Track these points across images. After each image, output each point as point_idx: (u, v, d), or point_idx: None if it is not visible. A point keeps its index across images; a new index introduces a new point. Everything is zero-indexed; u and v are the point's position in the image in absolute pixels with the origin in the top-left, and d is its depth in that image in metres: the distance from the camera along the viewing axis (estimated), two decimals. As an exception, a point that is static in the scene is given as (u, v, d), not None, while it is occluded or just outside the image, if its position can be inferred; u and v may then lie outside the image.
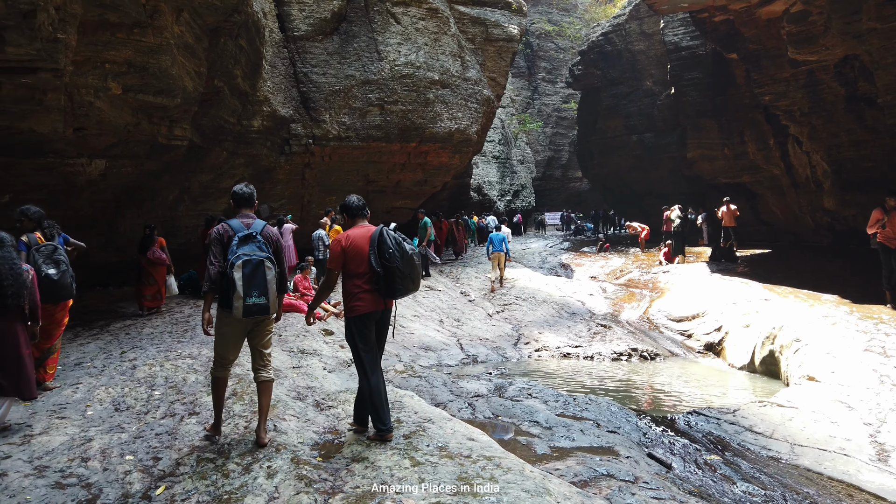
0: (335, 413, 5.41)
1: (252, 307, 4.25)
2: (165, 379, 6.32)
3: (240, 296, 4.19)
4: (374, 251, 4.50)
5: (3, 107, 7.80)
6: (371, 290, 4.53)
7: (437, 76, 17.84)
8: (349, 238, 4.63)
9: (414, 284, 4.63)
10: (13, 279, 4.79)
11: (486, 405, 6.76)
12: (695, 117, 24.38)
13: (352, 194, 5.07)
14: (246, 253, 4.29)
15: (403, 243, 4.56)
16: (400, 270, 4.44)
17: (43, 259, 5.81)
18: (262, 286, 4.27)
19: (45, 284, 5.65)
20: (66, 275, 5.94)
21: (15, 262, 4.88)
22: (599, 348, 11.15)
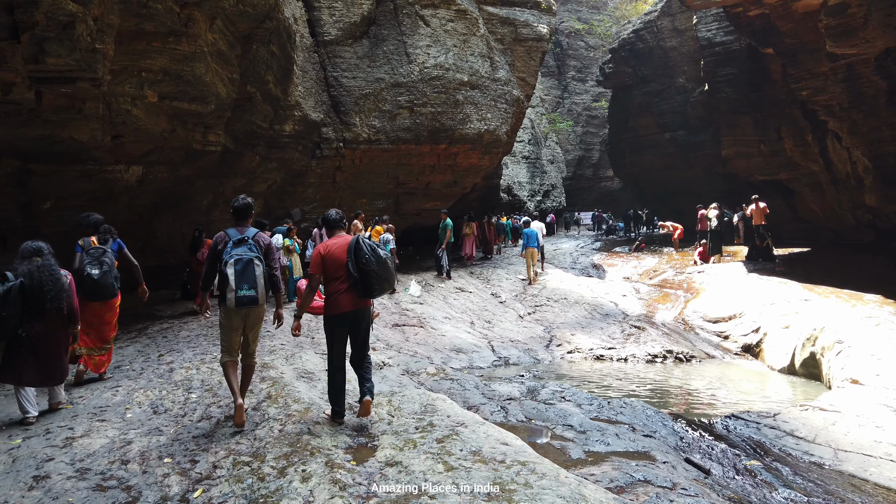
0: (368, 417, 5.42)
1: (243, 298, 4.93)
2: (201, 382, 6.41)
3: (232, 288, 4.89)
4: (351, 258, 5.08)
5: (45, 116, 8.02)
6: (349, 291, 5.10)
7: (466, 77, 17.81)
8: (327, 247, 5.23)
9: (388, 284, 5.27)
10: (52, 283, 5.22)
11: (519, 408, 6.71)
12: (729, 114, 23.90)
13: (331, 209, 5.63)
14: (238, 253, 4.99)
15: (377, 250, 5.19)
16: (375, 273, 5.04)
17: (90, 260, 6.37)
18: (252, 280, 4.97)
19: (87, 283, 6.21)
20: (107, 275, 6.38)
21: (54, 268, 5.32)
22: (633, 350, 10.99)
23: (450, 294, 15.08)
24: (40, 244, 5.45)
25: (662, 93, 28.19)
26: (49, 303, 5.19)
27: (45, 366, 5.30)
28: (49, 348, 5.32)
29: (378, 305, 13.03)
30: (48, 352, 5.31)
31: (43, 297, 5.15)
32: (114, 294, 6.54)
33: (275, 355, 7.72)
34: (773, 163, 22.95)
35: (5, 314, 4.95)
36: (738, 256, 19.10)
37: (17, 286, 5.04)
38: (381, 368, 8.08)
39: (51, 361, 5.34)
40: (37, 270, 5.21)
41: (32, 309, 5.16)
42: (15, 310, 5.01)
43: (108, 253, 6.57)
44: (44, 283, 5.17)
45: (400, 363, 8.84)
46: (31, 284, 5.14)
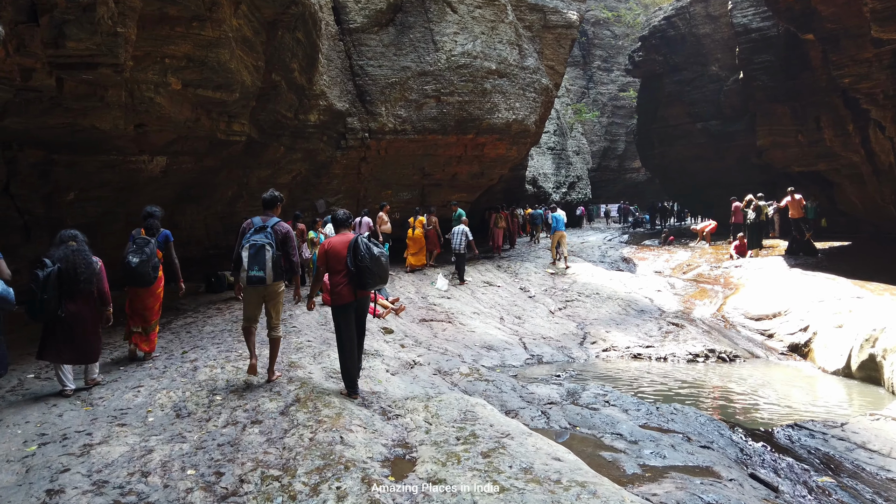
0: (404, 423, 5.05)
1: (252, 277, 5.71)
2: (227, 382, 6.10)
3: (245, 269, 5.72)
4: (350, 254, 5.69)
5: (66, 104, 7.75)
6: (348, 284, 5.75)
7: (494, 66, 17.32)
8: (331, 244, 5.94)
9: (381, 279, 5.86)
10: (85, 267, 5.72)
11: (561, 414, 6.29)
12: (766, 103, 23.06)
13: (339, 209, 6.35)
14: (254, 239, 5.77)
15: (372, 248, 5.76)
16: (369, 268, 5.62)
17: (134, 249, 6.92)
18: (262, 262, 5.71)
19: (126, 270, 6.80)
20: (144, 264, 6.80)
21: (87, 254, 5.83)
22: (673, 349, 10.49)
23: (477, 288, 14.67)
24: (75, 231, 5.97)
25: (694, 81, 27.35)
26: (82, 284, 5.67)
27: (80, 345, 5.74)
28: (82, 328, 5.76)
29: (405, 300, 12.70)
30: (81, 331, 5.75)
31: (77, 279, 5.61)
32: (150, 282, 6.93)
33: (302, 353, 7.40)
34: (811, 153, 22.12)
35: (46, 297, 5.39)
36: (775, 251, 18.41)
37: (55, 271, 5.51)
38: (412, 368, 7.71)
39: (84, 341, 5.78)
40: (72, 254, 5.68)
41: (67, 291, 5.61)
42: (54, 292, 5.46)
43: (151, 243, 7.00)
44: (78, 265, 5.64)
45: (431, 361, 8.48)
46: (66, 267, 5.59)
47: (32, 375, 6.41)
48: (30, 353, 7.36)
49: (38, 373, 6.54)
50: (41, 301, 5.38)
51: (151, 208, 7.46)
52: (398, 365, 7.62)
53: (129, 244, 6.99)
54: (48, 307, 5.43)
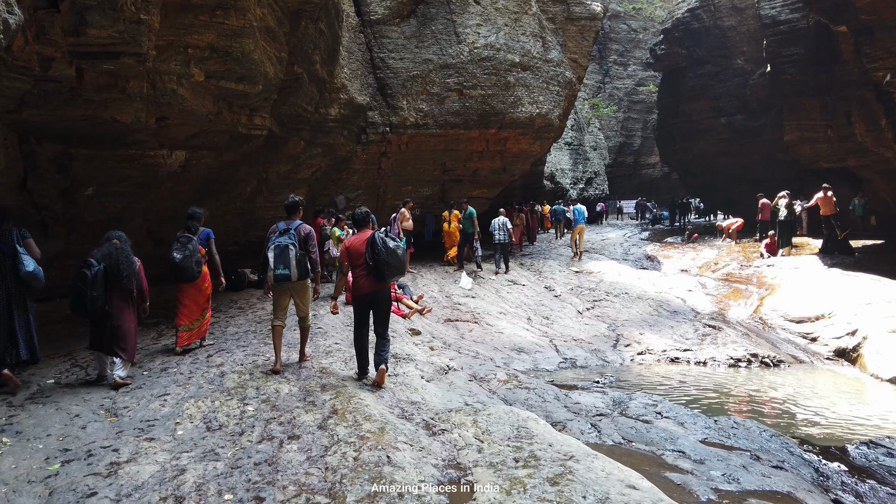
0: (451, 440, 4.67)
1: (279, 276, 6.25)
2: (257, 390, 5.75)
3: (271, 268, 6.28)
4: (368, 249, 6.07)
5: (86, 95, 7.42)
6: (367, 277, 6.13)
7: (517, 58, 16.87)
8: (351, 241, 6.37)
9: (398, 271, 6.14)
10: (127, 265, 6.12)
11: (613, 426, 5.89)
12: (794, 97, 22.41)
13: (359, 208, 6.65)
14: (278, 241, 6.32)
15: (388, 242, 6.06)
16: (386, 262, 5.95)
17: (178, 246, 7.36)
18: (286, 262, 6.23)
19: (171, 265, 7.23)
20: (188, 259, 7.21)
21: (129, 254, 6.26)
22: (712, 353, 10.05)
23: (502, 287, 14.27)
24: (121, 232, 6.48)
25: (719, 75, 26.71)
26: (123, 280, 6.05)
27: (119, 338, 6.02)
28: (120, 323, 6.06)
29: (429, 299, 12.33)
30: (120, 326, 6.04)
31: (119, 276, 6.00)
32: (194, 277, 7.34)
33: (332, 358, 7.04)
34: (841, 149, 21.48)
35: (95, 294, 5.78)
36: (805, 249, 17.87)
37: (101, 269, 5.91)
38: (446, 373, 7.33)
39: (121, 335, 6.05)
40: (115, 251, 6.11)
41: (109, 287, 5.98)
42: (101, 289, 5.85)
43: (193, 241, 7.44)
44: (120, 262, 6.04)
45: (464, 366, 8.10)
46: (109, 264, 6.00)
47: (52, 381, 6.09)
48: (48, 356, 7.06)
49: (59, 378, 6.23)
50: (91, 298, 5.75)
51: (193, 209, 7.96)
52: (432, 371, 7.24)
53: (174, 243, 7.45)
54: (96, 304, 5.80)
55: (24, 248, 5.90)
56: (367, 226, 6.50)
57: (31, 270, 5.73)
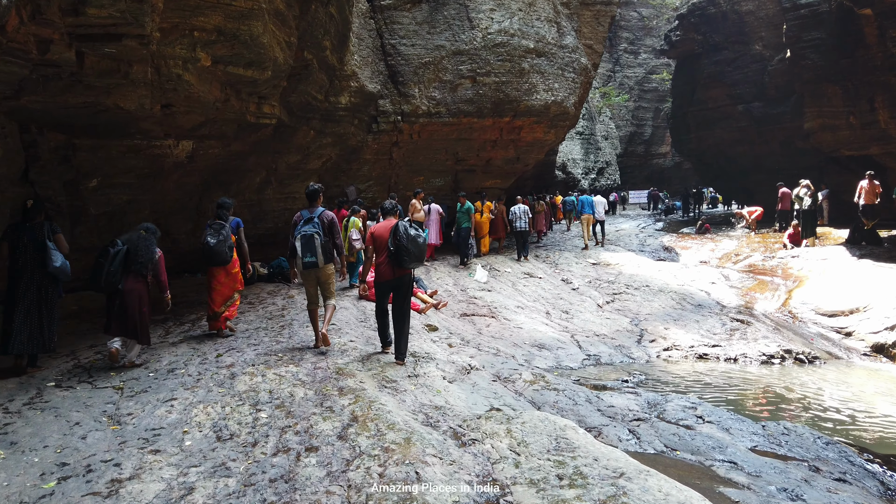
0: (484, 451, 4.27)
1: (307, 263, 6.65)
2: (270, 394, 5.37)
3: (299, 256, 6.68)
4: (391, 237, 6.39)
5: (87, 81, 7.02)
6: (388, 264, 6.50)
7: (531, 44, 16.36)
8: (376, 229, 6.73)
9: (417, 260, 6.45)
10: (145, 252, 6.44)
11: (653, 433, 5.48)
12: (815, 83, 21.80)
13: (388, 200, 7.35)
14: (304, 230, 6.69)
15: (410, 230, 6.37)
16: (406, 248, 6.27)
17: (211, 231, 7.56)
18: (313, 249, 6.63)
19: (205, 250, 7.50)
20: (221, 244, 7.46)
21: (150, 242, 6.58)
22: (742, 348, 9.60)
23: (518, 280, 13.86)
24: (151, 225, 6.91)
25: (736, 61, 26.06)
26: (137, 266, 6.35)
27: (128, 319, 6.27)
28: (130, 305, 6.29)
29: (443, 292, 11.94)
30: (129, 308, 6.28)
31: (135, 260, 6.33)
32: (227, 260, 7.59)
33: (348, 357, 6.66)
34: (863, 136, 20.90)
35: (112, 269, 6.16)
36: (829, 239, 17.33)
37: (122, 250, 6.31)
38: (468, 373, 6.93)
39: (130, 317, 6.29)
40: (137, 239, 6.47)
41: (127, 269, 6.32)
42: (119, 267, 6.23)
43: (225, 227, 7.67)
44: (139, 248, 6.40)
45: (485, 365, 7.70)
46: (129, 248, 6.37)
47: (53, 383, 5.73)
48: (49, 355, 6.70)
49: (60, 380, 5.87)
50: (107, 273, 6.13)
51: (223, 199, 8.25)
52: (454, 370, 6.84)
53: (206, 230, 7.67)
54: (111, 278, 6.15)
55: (54, 242, 6.22)
56: (393, 215, 6.92)
57: (58, 266, 6.06)
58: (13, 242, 6.03)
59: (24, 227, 6.13)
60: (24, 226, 6.13)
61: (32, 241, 6.05)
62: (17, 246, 6.01)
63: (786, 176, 23.60)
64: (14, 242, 6.03)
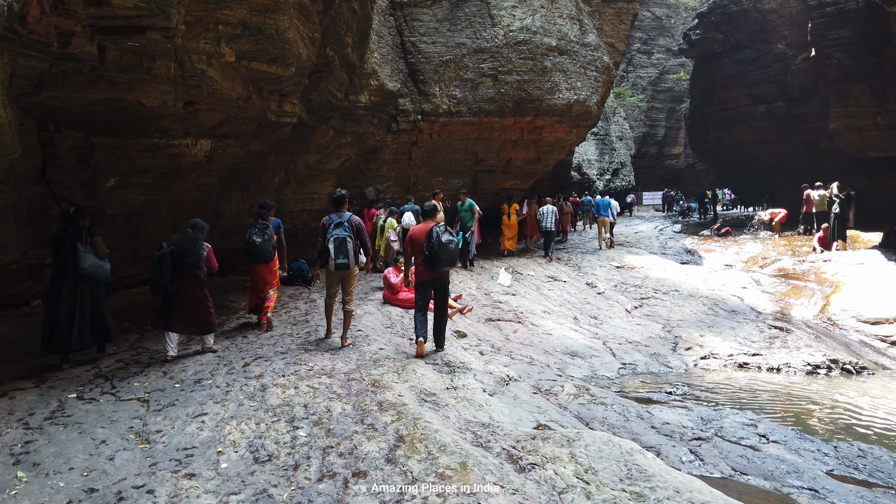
0: (546, 478, 3.91)
1: (339, 264, 6.90)
2: (305, 408, 5.03)
3: (332, 258, 6.88)
4: (427, 241, 6.73)
5: (109, 76, 6.73)
6: (424, 265, 6.85)
7: (554, 42, 15.97)
8: (413, 232, 7.07)
9: (448, 263, 6.79)
10: (192, 252, 6.63)
11: (717, 454, 5.10)
12: (840, 82, 21.34)
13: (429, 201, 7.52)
14: (336, 233, 6.94)
15: (443, 236, 6.69)
16: (437, 254, 6.64)
17: (256, 231, 8.05)
18: (345, 252, 6.90)
19: (251, 248, 8.01)
20: (266, 243, 8.01)
21: (199, 242, 6.80)
22: (784, 357, 9.19)
23: (542, 284, 13.49)
24: (197, 221, 7.10)
25: (757, 61, 25.59)
26: (186, 266, 6.57)
27: (186, 317, 6.64)
28: (189, 303, 6.64)
29: (467, 297, 11.59)
30: (188, 306, 6.63)
31: (183, 260, 6.54)
32: (270, 258, 8.13)
33: (382, 368, 6.31)
34: (891, 137, 20.44)
35: (159, 272, 6.41)
36: (858, 242, 16.87)
37: (168, 252, 6.50)
38: (507, 384, 6.58)
39: (191, 313, 6.67)
40: (184, 239, 6.68)
41: (177, 270, 6.55)
42: (166, 270, 6.43)
43: (269, 227, 8.20)
44: (185, 250, 6.59)
45: (522, 375, 7.33)
46: (176, 250, 6.56)
47: (74, 395, 5.41)
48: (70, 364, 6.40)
49: (81, 391, 5.55)
50: (156, 276, 6.44)
51: (265, 201, 8.78)
52: (493, 382, 6.48)
53: (251, 229, 8.14)
54: (159, 282, 6.44)
55: (92, 245, 6.53)
56: (432, 218, 7.15)
57: (87, 267, 6.32)
58: (57, 248, 6.46)
59: (66, 232, 6.49)
60: (67, 231, 6.50)
61: (73, 245, 6.38)
62: (59, 251, 6.43)
63: (808, 177, 23.12)
64: (58, 248, 6.45)
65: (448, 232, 6.81)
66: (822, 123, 22.64)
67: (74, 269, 6.31)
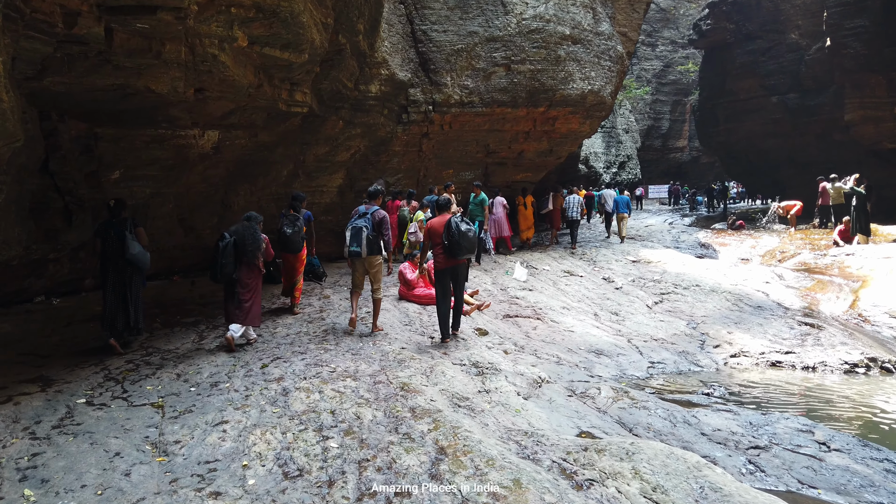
0: (610, 497, 3.53)
1: (351, 252, 7.35)
2: (333, 415, 4.66)
3: (347, 245, 7.36)
4: (446, 230, 7.05)
5: (116, 61, 6.33)
6: (444, 254, 7.18)
7: (567, 30, 15.55)
8: (432, 224, 7.41)
9: (468, 250, 7.09)
10: (252, 241, 6.83)
11: (779, 464, 4.73)
12: (857, 73, 20.90)
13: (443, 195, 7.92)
14: (356, 223, 7.38)
15: (461, 225, 7.05)
16: (458, 242, 6.96)
17: (287, 223, 8.35)
18: (359, 240, 7.29)
19: (282, 238, 8.27)
20: (296, 234, 8.33)
21: (257, 232, 6.99)
22: (819, 355, 8.81)
23: (559, 279, 13.11)
24: (255, 213, 7.34)
25: (770, 51, 25.13)
26: (247, 255, 6.79)
27: (242, 307, 6.79)
28: (247, 293, 6.84)
29: (484, 293, 11.23)
30: (245, 296, 6.82)
31: (244, 250, 6.75)
32: (299, 249, 8.45)
33: (409, 369, 5.94)
34: (909, 129, 20.03)
35: (224, 261, 6.56)
36: (878, 235, 16.47)
37: (231, 242, 6.69)
38: (539, 386, 6.22)
39: (246, 304, 6.83)
40: (243, 229, 6.89)
41: (237, 259, 6.73)
42: (230, 259, 6.63)
43: (299, 219, 8.52)
44: (246, 239, 6.79)
45: (552, 375, 6.97)
46: (237, 239, 6.76)
47: (84, 400, 5.05)
48: (76, 365, 6.04)
49: (91, 396, 5.19)
50: (221, 265, 6.55)
51: (297, 193, 9.12)
52: (525, 384, 6.12)
53: (282, 219, 8.45)
54: (225, 270, 6.59)
55: (135, 235, 6.82)
56: (447, 211, 7.54)
57: (133, 254, 6.62)
58: (103, 238, 6.74)
59: (111, 223, 6.79)
60: (111, 222, 6.80)
61: (117, 235, 6.69)
62: (105, 240, 6.72)
63: (821, 170, 22.71)
64: (104, 238, 6.73)
65: (465, 222, 7.24)
66: (837, 115, 22.22)
67: (122, 256, 6.62)
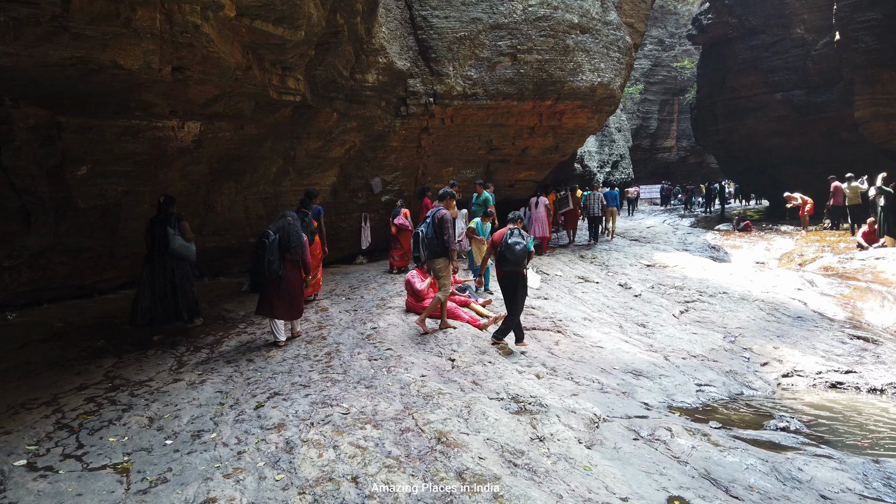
0: None
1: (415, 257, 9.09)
2: (356, 485, 3.52)
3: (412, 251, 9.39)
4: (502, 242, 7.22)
5: (75, 28, 5.11)
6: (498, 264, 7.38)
7: (576, 18, 14.51)
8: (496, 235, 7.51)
9: (514, 265, 7.18)
10: (296, 238, 6.87)
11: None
12: (868, 68, 20.06)
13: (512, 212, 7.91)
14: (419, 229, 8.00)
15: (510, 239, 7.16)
16: (503, 254, 7.18)
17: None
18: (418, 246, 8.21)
19: None
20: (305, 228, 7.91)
21: (298, 230, 7.01)
22: (886, 376, 7.82)
23: (574, 286, 12.05)
24: (292, 212, 7.25)
25: (774, 46, 24.27)
26: (291, 252, 6.76)
27: (288, 303, 6.76)
28: (290, 289, 6.77)
29: (497, 302, 10.12)
30: (289, 292, 6.76)
31: (289, 247, 6.73)
32: (310, 243, 8.02)
33: (440, 410, 4.81)
34: (922, 126, 19.27)
35: (271, 258, 6.51)
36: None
37: (276, 239, 6.62)
38: (596, 427, 5.11)
39: (291, 300, 6.78)
40: (287, 226, 6.84)
41: (281, 256, 6.67)
42: (276, 256, 6.56)
43: (308, 215, 8.54)
44: (290, 235, 6.78)
45: (600, 406, 5.86)
46: (281, 236, 6.70)
47: (22, 463, 3.84)
48: (21, 404, 4.82)
49: (34, 454, 3.98)
50: (268, 262, 6.47)
51: (311, 189, 9.34)
52: (581, 426, 5.01)
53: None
54: (273, 267, 6.52)
55: (179, 229, 7.09)
56: (515, 223, 7.47)
57: (174, 248, 6.91)
58: (150, 233, 6.98)
59: (158, 218, 7.07)
60: (159, 217, 7.07)
61: (163, 228, 6.96)
62: (152, 236, 6.96)
63: (826, 169, 21.93)
64: (151, 233, 6.98)
65: (519, 234, 7.20)
66: (844, 112, 21.43)
67: (165, 249, 6.90)
